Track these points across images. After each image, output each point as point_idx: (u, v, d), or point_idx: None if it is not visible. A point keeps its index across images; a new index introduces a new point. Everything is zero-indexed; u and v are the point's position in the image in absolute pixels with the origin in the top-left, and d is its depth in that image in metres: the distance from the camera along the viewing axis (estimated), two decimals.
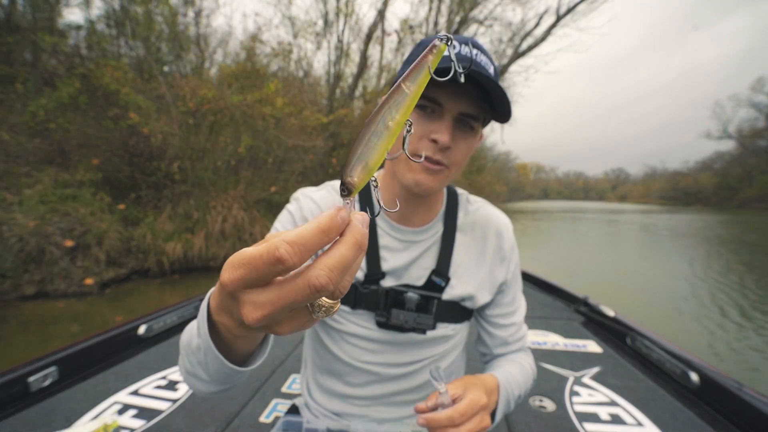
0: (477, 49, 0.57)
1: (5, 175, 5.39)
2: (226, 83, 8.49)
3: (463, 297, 0.71)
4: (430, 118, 0.58)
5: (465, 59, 0.55)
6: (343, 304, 0.69)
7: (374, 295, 0.68)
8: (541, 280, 2.81)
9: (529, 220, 24.01)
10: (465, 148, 0.60)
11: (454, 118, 0.57)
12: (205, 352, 0.40)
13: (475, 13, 11.50)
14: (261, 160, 7.84)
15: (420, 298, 0.68)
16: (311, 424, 0.62)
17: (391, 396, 0.72)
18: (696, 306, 5.52)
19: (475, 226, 0.74)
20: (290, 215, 0.70)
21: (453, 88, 0.55)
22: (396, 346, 0.70)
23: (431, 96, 0.56)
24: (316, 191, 0.73)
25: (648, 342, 1.70)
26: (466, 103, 0.57)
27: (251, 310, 0.26)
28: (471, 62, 0.55)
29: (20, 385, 1.25)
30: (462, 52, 0.56)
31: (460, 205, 0.75)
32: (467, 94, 0.55)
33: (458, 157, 0.61)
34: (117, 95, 6.23)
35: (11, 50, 6.75)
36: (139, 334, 1.74)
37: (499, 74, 0.61)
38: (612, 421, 1.28)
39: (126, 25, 8.44)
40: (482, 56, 0.57)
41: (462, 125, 0.59)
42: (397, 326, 0.67)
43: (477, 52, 0.57)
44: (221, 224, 6.57)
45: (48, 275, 4.83)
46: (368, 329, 0.70)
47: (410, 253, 0.70)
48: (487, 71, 0.57)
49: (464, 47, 0.56)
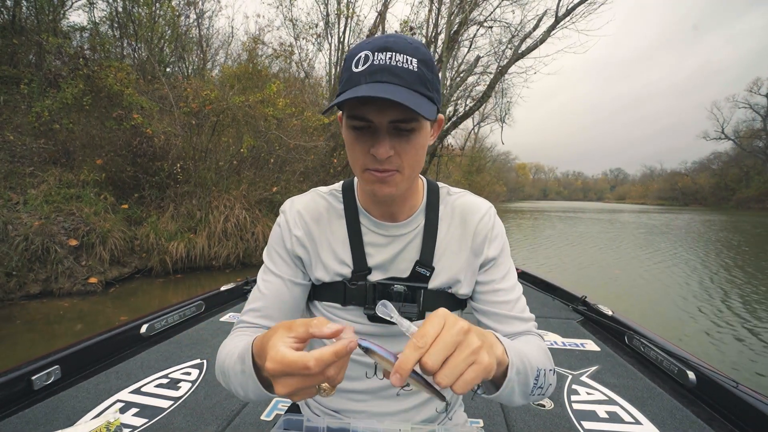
0: (391, 51, 0.56)
1: (10, 175, 5.44)
2: (228, 84, 8.53)
3: (448, 284, 0.72)
4: (366, 135, 0.59)
5: (381, 70, 0.55)
6: (333, 302, 0.72)
7: (362, 290, 0.70)
8: (540, 279, 2.81)
9: (528, 220, 24.02)
10: (410, 148, 0.60)
11: (387, 128, 0.58)
12: (247, 380, 0.54)
13: (474, 15, 11.50)
14: (263, 161, 7.87)
15: (406, 289, 0.69)
16: (311, 423, 0.63)
17: (389, 389, 0.72)
18: (686, 299, 5.80)
19: (454, 214, 0.75)
20: (280, 233, 0.73)
21: (378, 101, 0.55)
22: (389, 338, 0.72)
23: (361, 115, 0.57)
24: (301, 198, 0.75)
25: (646, 341, 1.71)
26: (393, 112, 0.56)
27: (281, 387, 0.43)
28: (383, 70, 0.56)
29: (24, 383, 1.27)
30: (375, 62, 0.56)
31: (441, 197, 0.76)
32: (392, 102, 0.54)
33: (406, 160, 0.61)
34: (120, 96, 6.27)
35: (16, 52, 6.81)
36: (141, 333, 1.76)
37: (430, 57, 0.60)
38: (610, 419, 1.29)
39: (129, 26, 8.49)
40: (398, 55, 0.56)
41: (398, 131, 0.59)
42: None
43: (392, 54, 0.56)
44: (223, 224, 6.60)
45: (53, 274, 4.87)
46: (360, 324, 0.71)
47: (394, 247, 0.72)
48: (410, 70, 0.56)
49: (379, 55, 0.56)
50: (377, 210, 0.72)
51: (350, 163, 0.65)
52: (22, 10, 7.04)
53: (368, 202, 0.72)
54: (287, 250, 0.72)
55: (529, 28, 11.22)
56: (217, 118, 6.99)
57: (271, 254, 0.74)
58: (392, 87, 0.54)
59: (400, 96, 0.53)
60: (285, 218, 0.74)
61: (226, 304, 2.42)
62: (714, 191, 57.30)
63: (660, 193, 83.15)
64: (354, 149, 0.61)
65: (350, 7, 10.69)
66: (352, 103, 0.57)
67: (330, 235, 0.72)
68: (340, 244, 0.72)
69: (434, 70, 0.61)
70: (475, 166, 31.03)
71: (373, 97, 0.52)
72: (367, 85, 0.55)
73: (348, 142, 0.62)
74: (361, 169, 0.62)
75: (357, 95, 0.52)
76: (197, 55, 10.80)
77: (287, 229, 0.72)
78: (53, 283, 4.85)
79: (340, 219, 0.73)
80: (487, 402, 1.39)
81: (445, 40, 11.04)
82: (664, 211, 44.64)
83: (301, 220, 0.72)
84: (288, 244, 0.72)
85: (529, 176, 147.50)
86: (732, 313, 5.20)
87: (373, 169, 0.60)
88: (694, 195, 64.81)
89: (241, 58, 11.00)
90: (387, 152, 0.58)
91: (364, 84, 0.55)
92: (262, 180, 7.75)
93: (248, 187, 7.29)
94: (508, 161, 79.35)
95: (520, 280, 2.70)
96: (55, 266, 4.88)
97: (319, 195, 0.76)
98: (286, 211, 0.74)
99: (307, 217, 0.72)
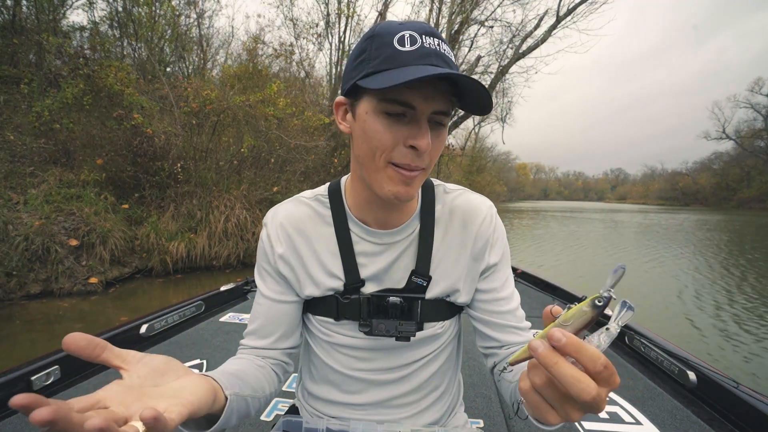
0: (436, 38, 0.53)
1: (10, 175, 5.44)
2: (228, 84, 8.53)
3: (447, 293, 0.68)
4: (403, 123, 0.53)
5: (433, 54, 0.51)
6: (327, 317, 0.68)
7: (356, 304, 0.66)
8: (540, 280, 2.80)
9: (524, 219, 24.10)
10: (439, 145, 0.57)
11: (428, 118, 0.53)
12: None
13: (475, 14, 11.50)
14: (263, 160, 7.88)
15: (402, 301, 0.65)
16: (310, 424, 0.62)
17: (389, 401, 0.71)
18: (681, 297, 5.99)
19: (453, 216, 0.69)
20: (264, 249, 0.69)
21: (429, 88, 0.52)
22: (386, 352, 0.69)
23: (404, 100, 0.51)
24: (284, 207, 0.70)
25: (646, 341, 1.70)
26: (438, 101, 0.53)
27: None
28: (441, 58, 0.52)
29: (23, 383, 1.27)
30: (426, 44, 0.52)
31: (438, 197, 0.70)
32: (438, 90, 0.52)
33: (434, 157, 0.58)
34: (121, 96, 6.27)
35: (16, 51, 6.81)
36: (141, 333, 1.76)
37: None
38: (610, 419, 1.28)
39: (129, 26, 8.50)
40: (443, 45, 0.54)
41: (434, 124, 0.55)
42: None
43: (438, 41, 0.53)
44: (224, 224, 6.60)
45: (53, 274, 4.87)
46: (356, 338, 0.68)
47: (388, 255, 0.66)
48: (453, 62, 0.54)
49: (427, 39, 0.52)
50: (370, 215, 0.65)
51: (364, 156, 0.56)
52: (22, 10, 7.04)
53: (361, 205, 0.65)
54: (273, 267, 0.68)
55: (530, 28, 11.25)
56: (218, 118, 6.99)
57: (260, 272, 0.71)
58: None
59: (470, 83, 0.50)
60: (267, 232, 0.68)
61: (225, 304, 2.42)
62: (715, 191, 57.36)
63: (661, 193, 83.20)
64: (383, 139, 0.53)
65: (351, 6, 10.68)
66: (396, 85, 0.49)
67: (317, 246, 0.67)
68: (329, 255, 0.66)
69: None
70: (475, 166, 31.02)
71: (453, 75, 0.48)
72: (424, 66, 0.50)
73: (374, 130, 0.53)
74: (384, 163, 0.55)
75: (433, 73, 0.46)
76: (197, 54, 10.80)
77: (269, 246, 0.68)
78: (53, 283, 4.85)
79: (328, 227, 0.67)
80: (487, 402, 1.39)
81: (446, 40, 11.03)
82: (662, 211, 45.09)
83: (284, 233, 0.67)
84: (272, 261, 0.68)
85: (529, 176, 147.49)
86: (692, 299, 5.72)
87: (403, 165, 0.54)
88: (695, 195, 64.85)
89: (242, 57, 11.00)
90: (429, 144, 0.53)
91: (414, 66, 0.50)
92: (263, 180, 7.76)
93: (249, 187, 7.29)
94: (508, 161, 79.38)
95: (519, 280, 2.70)
96: (56, 266, 4.89)
97: (302, 202, 0.69)
98: (268, 224, 0.69)
99: (290, 229, 0.67)
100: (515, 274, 2.93)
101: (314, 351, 0.73)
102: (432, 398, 0.73)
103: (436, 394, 0.73)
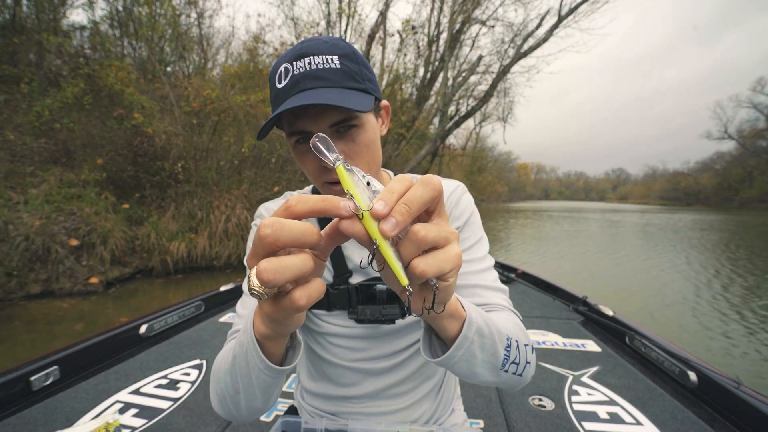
0: (308, 55, 0.55)
1: (11, 175, 5.44)
2: (229, 83, 8.53)
3: None
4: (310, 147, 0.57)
5: (302, 78, 0.54)
6: (318, 308, 0.72)
7: (345, 293, 0.70)
8: (540, 280, 2.80)
9: (521, 219, 24.15)
10: (360, 147, 0.59)
11: (329, 135, 0.56)
12: (247, 357, 0.46)
13: (477, 14, 11.47)
14: (264, 160, 7.88)
15: (388, 288, 0.68)
16: (309, 424, 0.63)
17: (384, 391, 0.73)
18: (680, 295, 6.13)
19: None
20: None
21: (311, 110, 0.55)
22: (376, 339, 0.72)
23: (299, 129, 0.57)
24: (276, 203, 0.75)
25: (646, 341, 1.70)
26: (329, 115, 0.56)
27: (256, 261, 0.32)
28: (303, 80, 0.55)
29: (22, 383, 1.27)
30: (296, 71, 0.55)
31: None
32: (323, 106, 0.54)
33: (360, 160, 0.59)
34: (121, 95, 6.28)
35: (16, 51, 6.82)
36: (141, 333, 1.76)
37: (351, 47, 0.59)
38: (611, 420, 1.28)
39: (129, 25, 8.51)
40: (317, 58, 0.55)
41: (341, 134, 0.58)
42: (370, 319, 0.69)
43: (310, 58, 0.55)
44: (224, 224, 6.60)
45: (53, 274, 4.87)
46: (347, 327, 0.71)
47: None
48: (334, 66, 0.55)
49: (297, 64, 0.55)
50: None
51: (310, 180, 0.64)
52: (23, 10, 7.05)
53: None
54: None
55: (532, 27, 11.21)
56: (218, 118, 6.99)
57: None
58: (318, 92, 0.54)
59: (327, 97, 0.52)
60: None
61: (225, 304, 2.42)
62: (717, 191, 57.31)
63: (662, 193, 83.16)
64: (305, 166, 0.60)
65: (352, 6, 10.67)
66: (288, 119, 0.56)
67: None
68: None
69: (360, 60, 0.59)
70: (476, 166, 31.07)
71: (300, 107, 0.51)
72: (293, 97, 0.54)
73: (298, 161, 0.61)
74: (321, 184, 0.61)
75: (279, 111, 0.52)
76: (198, 54, 10.81)
77: None
78: (54, 283, 4.85)
79: (315, 222, 0.71)
80: (487, 402, 1.38)
81: (447, 39, 11.03)
82: (661, 211, 45.12)
83: None
84: None
85: (530, 176, 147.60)
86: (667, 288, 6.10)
87: (331, 181, 0.59)
88: (696, 195, 64.80)
89: (242, 57, 11.00)
90: (336, 159, 0.54)
91: (288, 99, 0.54)
92: (264, 180, 7.76)
93: (249, 187, 7.29)
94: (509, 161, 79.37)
95: (520, 280, 2.68)
96: (56, 266, 4.89)
97: None
98: (263, 215, 0.74)
99: None
100: (515, 274, 2.92)
101: (310, 347, 0.77)
102: (426, 388, 0.75)
103: (431, 384, 0.75)
